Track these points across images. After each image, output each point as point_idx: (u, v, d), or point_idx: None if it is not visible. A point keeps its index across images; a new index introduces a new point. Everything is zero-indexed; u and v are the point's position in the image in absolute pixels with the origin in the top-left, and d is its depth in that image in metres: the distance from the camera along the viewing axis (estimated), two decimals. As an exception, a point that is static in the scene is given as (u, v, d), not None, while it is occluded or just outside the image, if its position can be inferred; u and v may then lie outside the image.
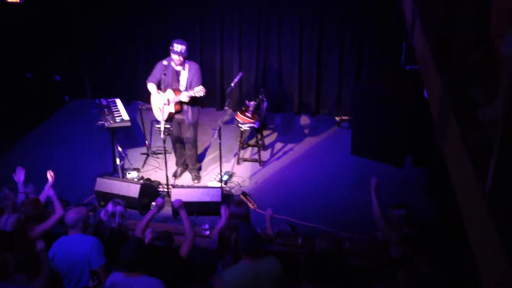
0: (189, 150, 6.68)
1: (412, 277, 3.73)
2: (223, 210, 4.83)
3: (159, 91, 6.28)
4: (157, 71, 6.32)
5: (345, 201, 6.32)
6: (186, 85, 6.19)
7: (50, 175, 5.23)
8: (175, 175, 6.85)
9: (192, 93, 6.03)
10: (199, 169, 6.99)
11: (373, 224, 4.65)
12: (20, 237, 4.48)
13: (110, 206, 4.69)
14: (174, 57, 6.05)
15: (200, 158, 7.30)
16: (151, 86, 6.31)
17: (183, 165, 6.93)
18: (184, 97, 6.06)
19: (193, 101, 6.24)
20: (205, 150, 7.57)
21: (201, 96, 6.07)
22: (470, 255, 2.30)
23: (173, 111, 6.24)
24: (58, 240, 4.36)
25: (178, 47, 6.02)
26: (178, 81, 6.22)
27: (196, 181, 6.78)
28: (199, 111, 6.61)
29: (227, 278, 3.81)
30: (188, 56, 6.21)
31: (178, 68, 6.19)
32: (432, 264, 3.80)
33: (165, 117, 6.24)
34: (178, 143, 6.73)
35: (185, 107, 6.28)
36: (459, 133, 2.54)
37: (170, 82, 6.20)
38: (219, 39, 8.41)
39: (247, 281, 3.76)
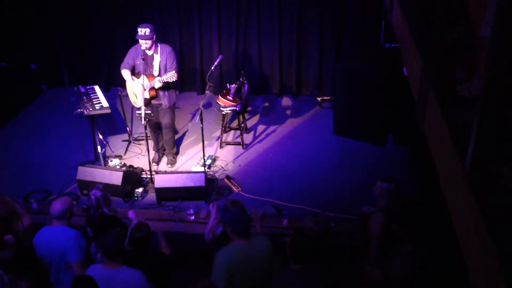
0: (166, 135, 6.63)
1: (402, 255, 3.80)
2: (212, 209, 4.61)
3: (133, 77, 6.22)
4: (129, 57, 6.26)
5: (329, 181, 6.36)
6: (160, 69, 6.14)
7: None
8: (155, 161, 6.79)
9: (164, 78, 6.00)
10: (176, 153, 6.95)
11: (358, 203, 4.68)
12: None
13: (91, 196, 4.63)
14: (141, 42, 5.99)
15: (180, 142, 7.28)
16: (125, 73, 6.26)
17: (161, 150, 6.89)
18: (157, 83, 6.04)
19: (168, 85, 6.20)
20: (186, 134, 7.53)
21: (174, 81, 6.04)
22: (453, 231, 2.33)
23: (148, 97, 6.19)
24: (41, 230, 4.31)
25: (142, 30, 5.96)
26: (151, 66, 6.16)
27: (170, 165, 6.75)
28: (176, 95, 6.57)
29: (219, 260, 3.78)
30: (160, 40, 6.13)
31: (150, 52, 6.12)
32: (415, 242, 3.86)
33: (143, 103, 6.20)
34: (157, 128, 6.69)
35: (161, 92, 6.23)
36: (439, 110, 2.56)
37: (143, 67, 6.11)
38: (198, 23, 8.30)
39: (240, 261, 3.75)
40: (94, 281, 3.50)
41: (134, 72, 6.28)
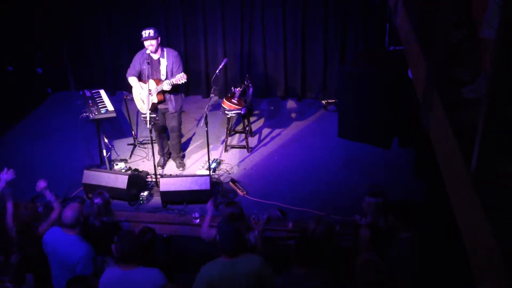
0: (173, 140, 6.64)
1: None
2: (209, 205, 4.66)
3: (141, 82, 6.24)
4: (136, 63, 6.26)
5: (334, 184, 6.35)
6: (167, 73, 6.16)
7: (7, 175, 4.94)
8: (160, 165, 6.80)
9: (174, 80, 6.01)
10: (183, 157, 6.96)
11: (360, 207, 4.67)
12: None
13: (94, 204, 4.62)
14: (147, 43, 6.00)
15: (186, 146, 7.28)
16: (132, 80, 6.28)
17: (166, 154, 6.90)
18: (166, 85, 6.04)
19: (176, 89, 6.21)
20: (191, 138, 7.54)
21: (183, 83, 6.04)
22: (458, 233, 2.32)
23: (156, 101, 6.20)
24: (54, 231, 4.27)
25: (146, 32, 5.99)
26: (158, 70, 6.17)
27: (181, 168, 6.76)
28: (183, 99, 6.58)
29: (203, 272, 3.73)
30: (165, 44, 6.15)
31: (156, 56, 6.13)
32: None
33: (149, 108, 6.19)
34: (162, 132, 6.70)
35: (167, 96, 6.24)
36: (444, 112, 2.55)
37: (150, 72, 6.11)
38: (202, 26, 8.33)
39: (223, 277, 3.69)
40: (89, 281, 3.50)
41: (141, 78, 6.29)
